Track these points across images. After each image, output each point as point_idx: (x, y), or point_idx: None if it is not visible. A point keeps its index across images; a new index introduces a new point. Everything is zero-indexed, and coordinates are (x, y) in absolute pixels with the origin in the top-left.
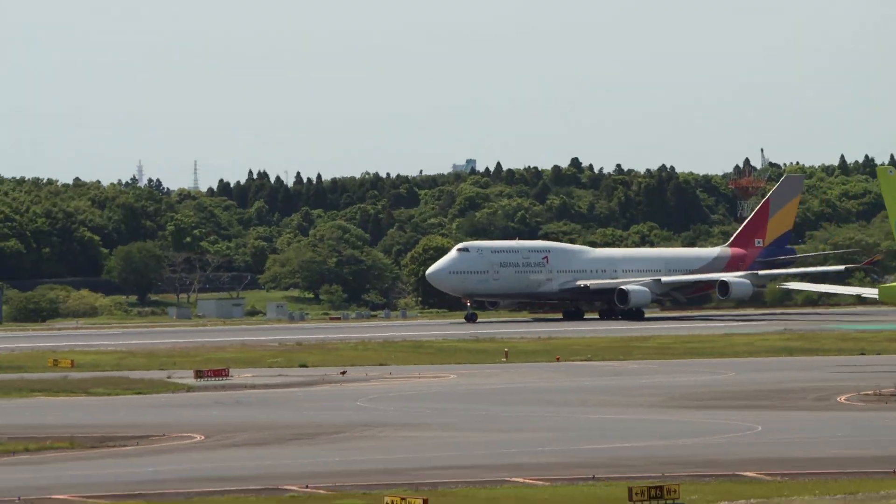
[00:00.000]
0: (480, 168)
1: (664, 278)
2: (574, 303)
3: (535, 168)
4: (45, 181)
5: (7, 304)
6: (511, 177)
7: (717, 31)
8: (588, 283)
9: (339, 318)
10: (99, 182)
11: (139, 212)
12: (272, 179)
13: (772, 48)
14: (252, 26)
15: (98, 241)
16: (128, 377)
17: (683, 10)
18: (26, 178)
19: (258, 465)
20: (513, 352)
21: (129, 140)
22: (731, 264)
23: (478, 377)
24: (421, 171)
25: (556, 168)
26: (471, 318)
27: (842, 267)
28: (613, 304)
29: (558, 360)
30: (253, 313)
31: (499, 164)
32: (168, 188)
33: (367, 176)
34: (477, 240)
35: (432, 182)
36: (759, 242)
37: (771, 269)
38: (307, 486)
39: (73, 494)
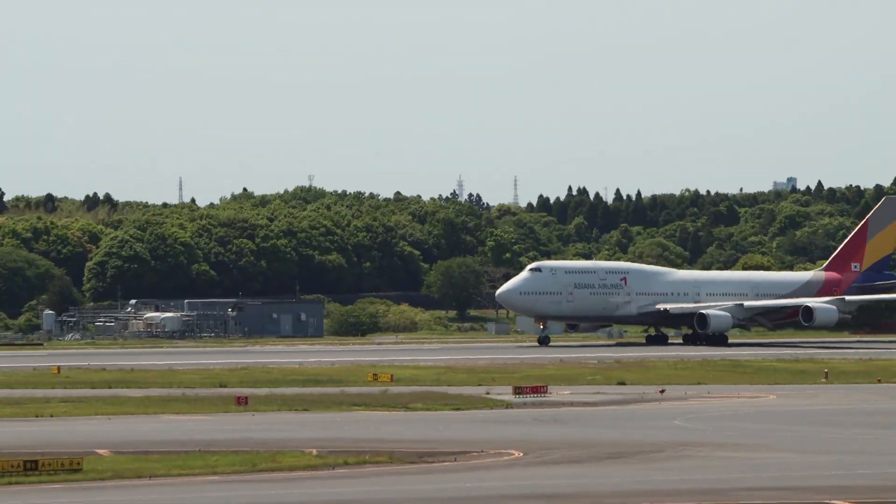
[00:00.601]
0: (801, 186)
1: (747, 303)
2: (657, 328)
3: (857, 187)
4: (366, 195)
5: (328, 317)
6: (832, 195)
7: None
8: (668, 306)
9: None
10: (419, 196)
11: (459, 227)
12: (591, 196)
13: None
14: (573, 43)
15: (418, 255)
16: (446, 392)
17: None
18: (348, 192)
19: (575, 482)
20: (833, 373)
21: (449, 155)
22: (824, 289)
23: (797, 398)
24: (741, 189)
25: (878, 187)
26: (543, 342)
27: None
28: (695, 329)
29: (879, 381)
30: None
31: (820, 183)
32: (488, 203)
33: (686, 193)
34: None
35: (752, 200)
36: (855, 267)
37: (869, 294)
38: None
39: None
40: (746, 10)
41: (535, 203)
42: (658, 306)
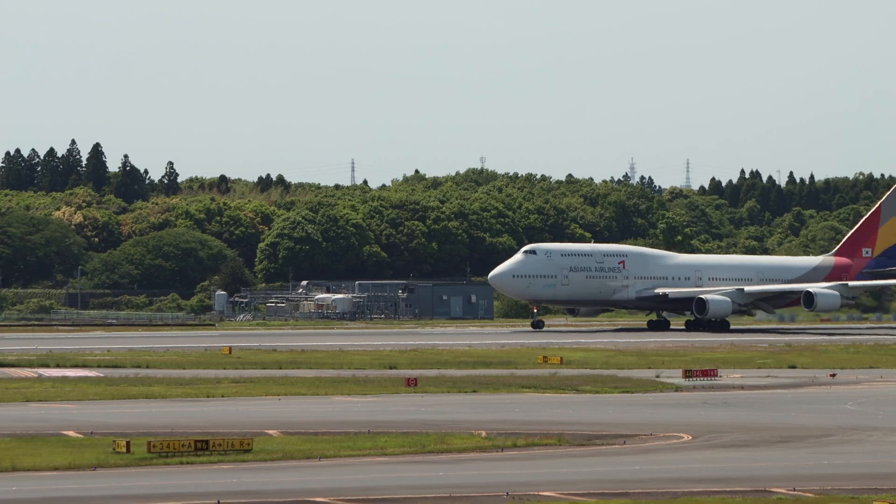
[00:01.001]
0: None
1: (747, 288)
2: (658, 312)
3: None
4: (538, 177)
5: (498, 299)
6: None
7: None
8: (667, 290)
9: (828, 320)
10: (591, 179)
11: (631, 209)
12: (764, 179)
13: None
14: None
15: (590, 237)
16: (616, 375)
17: None
18: (520, 174)
19: (745, 466)
20: None
21: (621, 138)
22: (833, 275)
23: None
24: None
25: None
26: (537, 326)
27: None
28: (695, 314)
29: None
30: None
31: None
32: (660, 186)
33: (860, 176)
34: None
35: None
36: (867, 252)
37: (881, 280)
38: (794, 489)
39: (558, 492)
40: None
41: (707, 186)
42: (657, 290)
